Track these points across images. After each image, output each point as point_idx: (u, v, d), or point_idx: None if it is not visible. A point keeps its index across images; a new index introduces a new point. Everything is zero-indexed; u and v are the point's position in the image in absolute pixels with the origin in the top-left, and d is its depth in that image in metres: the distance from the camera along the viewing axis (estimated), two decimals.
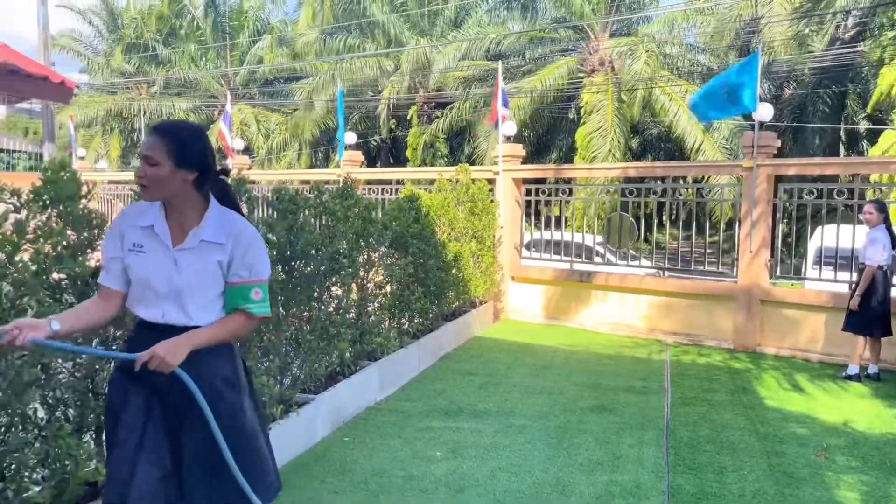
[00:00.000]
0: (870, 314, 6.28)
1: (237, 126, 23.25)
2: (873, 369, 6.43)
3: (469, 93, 21.17)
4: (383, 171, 14.49)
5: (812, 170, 9.32)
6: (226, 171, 2.46)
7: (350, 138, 11.69)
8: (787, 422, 5.23)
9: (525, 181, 9.65)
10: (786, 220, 12.15)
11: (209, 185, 2.32)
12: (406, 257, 6.53)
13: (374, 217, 5.83)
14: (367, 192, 10.40)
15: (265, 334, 4.32)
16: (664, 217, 14.72)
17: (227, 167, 2.54)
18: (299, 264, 4.64)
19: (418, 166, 20.52)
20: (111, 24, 30.08)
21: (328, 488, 3.92)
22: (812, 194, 7.65)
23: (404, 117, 23.14)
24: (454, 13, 23.84)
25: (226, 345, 2.34)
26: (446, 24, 23.78)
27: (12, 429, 2.72)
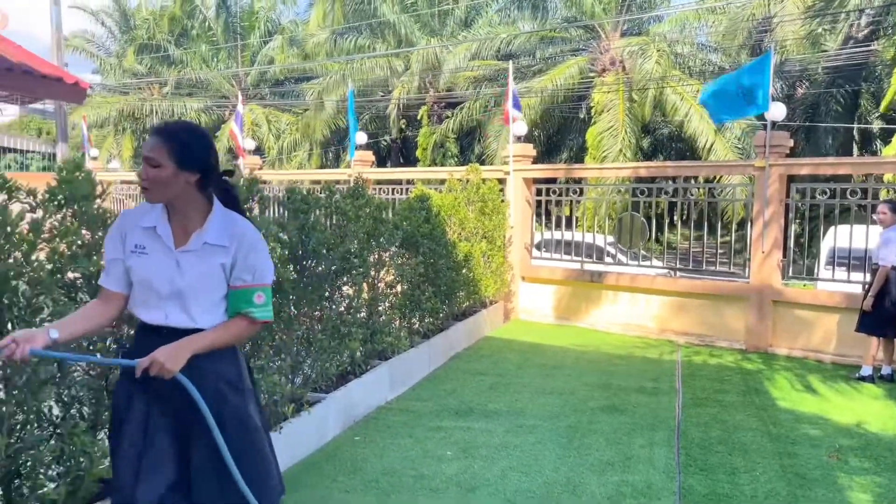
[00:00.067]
0: (883, 315, 6.23)
1: (248, 126, 23.33)
2: (887, 370, 6.39)
3: (479, 92, 21.15)
4: (394, 171, 14.50)
5: (825, 169, 9.26)
6: (229, 173, 2.41)
7: (361, 138, 11.69)
8: (799, 423, 5.20)
9: (535, 181, 9.63)
10: (798, 221, 12.04)
11: (212, 186, 2.28)
12: (417, 257, 6.54)
13: (384, 217, 5.85)
14: (378, 192, 10.41)
15: (277, 333, 4.34)
16: (675, 217, 14.67)
17: (233, 168, 2.52)
18: (311, 264, 4.66)
19: (428, 166, 20.50)
20: (123, 24, 30.30)
21: (339, 487, 3.93)
22: (825, 194, 7.60)
23: (414, 117, 23.15)
24: (464, 13, 23.82)
25: (229, 347, 2.31)
26: (456, 24, 23.77)
27: (28, 426, 2.74)
